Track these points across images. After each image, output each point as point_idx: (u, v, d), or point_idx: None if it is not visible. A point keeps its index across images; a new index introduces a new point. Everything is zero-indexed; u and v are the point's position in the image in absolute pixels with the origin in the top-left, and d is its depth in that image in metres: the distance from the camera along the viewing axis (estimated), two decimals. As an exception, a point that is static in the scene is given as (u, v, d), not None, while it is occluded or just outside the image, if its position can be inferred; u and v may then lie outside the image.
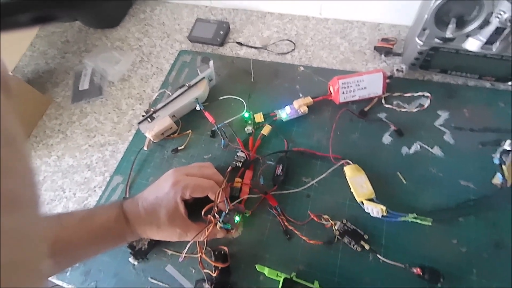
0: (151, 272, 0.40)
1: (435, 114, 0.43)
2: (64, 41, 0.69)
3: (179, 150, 0.49)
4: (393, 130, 0.43)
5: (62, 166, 0.53)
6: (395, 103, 0.45)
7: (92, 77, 0.61)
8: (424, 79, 0.47)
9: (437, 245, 0.35)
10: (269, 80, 0.53)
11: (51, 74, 0.65)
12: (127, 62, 0.62)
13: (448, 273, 0.32)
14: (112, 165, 0.51)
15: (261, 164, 0.44)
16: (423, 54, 0.44)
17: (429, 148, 0.41)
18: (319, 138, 0.45)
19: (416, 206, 0.37)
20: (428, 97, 0.44)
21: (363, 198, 0.38)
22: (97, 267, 0.42)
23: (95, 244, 0.34)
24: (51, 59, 0.67)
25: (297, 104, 0.46)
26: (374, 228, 0.37)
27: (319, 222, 0.38)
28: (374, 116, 0.45)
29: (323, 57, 0.53)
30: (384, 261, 0.34)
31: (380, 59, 0.51)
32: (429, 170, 0.39)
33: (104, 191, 0.48)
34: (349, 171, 0.40)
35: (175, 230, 0.36)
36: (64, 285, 0.42)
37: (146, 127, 0.48)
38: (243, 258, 0.39)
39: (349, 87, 0.44)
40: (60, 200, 0.50)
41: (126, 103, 0.57)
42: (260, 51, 0.57)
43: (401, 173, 0.40)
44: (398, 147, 0.42)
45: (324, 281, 0.35)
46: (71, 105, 0.59)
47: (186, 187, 0.36)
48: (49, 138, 0.57)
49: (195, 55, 0.59)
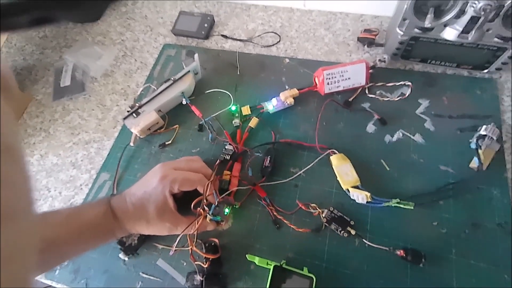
0: (142, 267, 0.40)
1: (416, 102, 0.45)
2: (42, 36, 0.67)
3: (167, 145, 0.49)
4: (377, 119, 0.44)
5: (46, 165, 0.52)
6: (378, 92, 0.46)
7: (73, 73, 0.59)
8: (405, 69, 0.48)
9: (419, 227, 0.36)
10: (255, 73, 0.53)
11: (29, 71, 0.63)
12: (109, 57, 0.60)
13: (429, 254, 0.34)
14: (98, 162, 0.50)
15: (249, 156, 0.44)
16: (404, 44, 0.45)
17: (410, 136, 0.42)
18: (306, 129, 0.46)
19: (399, 191, 0.39)
20: (409, 86, 0.45)
21: (349, 185, 0.39)
22: (87, 264, 0.41)
23: (82, 241, 0.34)
24: (29, 55, 0.65)
25: (284, 96, 0.47)
26: (359, 214, 0.38)
27: (307, 210, 0.39)
28: (358, 106, 0.46)
29: (308, 48, 0.54)
30: (369, 245, 0.36)
31: (363, 50, 0.52)
32: (411, 156, 0.41)
33: (91, 188, 0.48)
34: (335, 160, 0.41)
35: (164, 224, 0.36)
36: (54, 284, 0.42)
37: (132, 122, 0.48)
38: (234, 248, 0.39)
39: (334, 77, 0.45)
40: (46, 199, 0.49)
41: (110, 99, 0.56)
42: (246, 43, 0.57)
43: (384, 161, 0.41)
44: (382, 135, 0.43)
45: (313, 267, 0.36)
46: (52, 103, 0.58)
47: (174, 181, 0.36)
48: (31, 137, 0.55)
49: (180, 49, 0.58)
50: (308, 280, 0.34)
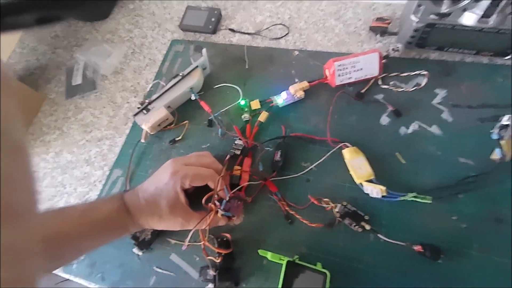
0: (156, 261, 0.41)
1: (432, 92, 0.43)
2: (54, 36, 0.68)
3: (177, 141, 0.49)
4: (391, 111, 0.43)
5: (61, 162, 0.53)
6: (392, 83, 0.45)
7: (84, 72, 0.60)
8: (420, 58, 0.46)
9: (437, 222, 0.35)
10: (264, 66, 0.52)
11: (42, 70, 0.64)
12: (119, 55, 0.61)
13: (448, 249, 0.33)
14: (110, 159, 0.51)
15: (260, 151, 0.44)
16: (419, 31, 0.43)
17: (427, 127, 0.41)
18: (317, 122, 0.45)
19: (415, 185, 0.37)
20: (425, 75, 0.43)
21: (362, 179, 0.38)
22: (102, 259, 0.42)
23: (98, 236, 0.35)
24: (41, 55, 0.66)
25: (293, 89, 0.46)
26: (374, 209, 0.37)
27: (320, 205, 0.39)
28: (371, 98, 0.45)
29: (318, 40, 0.52)
30: (385, 240, 0.35)
31: (375, 39, 0.50)
32: (428, 149, 0.39)
33: (105, 185, 0.48)
34: (347, 154, 0.40)
35: (177, 220, 0.37)
36: (71, 278, 0.43)
37: (142, 119, 0.48)
38: (246, 243, 0.39)
39: (345, 69, 0.44)
40: (61, 196, 0.50)
41: (120, 96, 0.57)
42: (254, 37, 0.56)
43: (400, 153, 0.40)
44: (396, 127, 0.42)
45: (327, 262, 0.35)
46: (65, 101, 0.59)
47: (185, 176, 0.36)
48: (45, 135, 0.56)
49: (188, 44, 0.58)
50: (322, 275, 0.33)
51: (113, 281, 0.41)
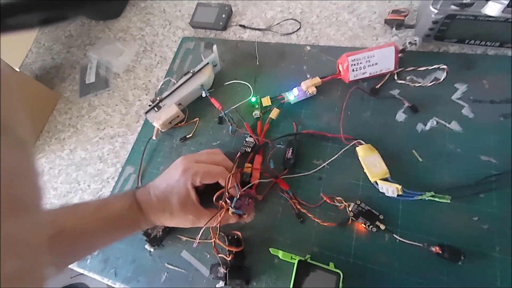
0: (167, 258, 0.41)
1: (452, 87, 0.41)
2: (68, 35, 0.69)
3: (188, 138, 0.49)
4: (407, 107, 0.41)
5: (75, 159, 0.54)
6: (409, 78, 0.43)
7: (97, 70, 0.61)
8: (439, 51, 0.44)
9: (456, 223, 0.33)
10: (275, 62, 0.51)
11: (57, 69, 0.65)
12: (131, 53, 0.61)
13: (469, 251, 0.31)
14: (123, 156, 0.51)
15: (271, 148, 0.43)
16: (438, 23, 0.41)
17: (446, 124, 0.39)
18: (329, 119, 0.44)
19: (433, 184, 0.36)
20: (444, 69, 0.41)
21: (377, 178, 0.37)
22: (115, 254, 0.43)
23: (110, 232, 0.35)
24: (56, 55, 0.67)
25: (305, 85, 0.45)
26: (389, 208, 0.36)
27: (332, 204, 0.38)
28: (387, 93, 0.43)
29: (331, 34, 0.51)
30: (400, 241, 0.34)
31: (391, 32, 0.48)
32: (447, 146, 0.38)
33: (117, 181, 0.49)
34: (361, 151, 0.39)
35: (187, 217, 0.37)
36: (85, 273, 0.44)
37: (153, 116, 0.48)
38: (257, 242, 0.39)
39: (359, 63, 0.42)
40: (76, 192, 0.51)
41: (132, 94, 0.57)
42: (265, 32, 0.55)
43: (416, 151, 0.38)
44: (413, 124, 0.40)
45: (340, 262, 0.34)
46: (79, 99, 0.60)
47: (196, 173, 0.36)
48: (60, 133, 0.58)
49: (198, 41, 0.58)
50: (335, 275, 0.32)
51: (125, 276, 0.41)
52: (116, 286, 0.41)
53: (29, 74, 0.65)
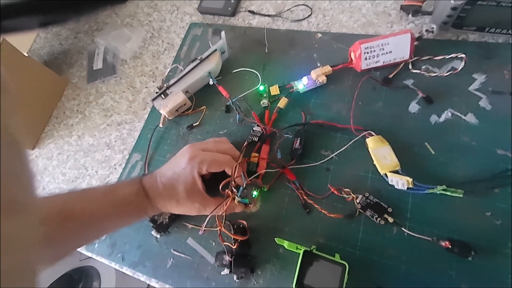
0: (173, 244, 0.41)
1: (469, 77, 0.39)
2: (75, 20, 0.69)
3: (194, 126, 0.48)
4: (421, 98, 0.39)
5: (83, 145, 0.54)
6: (424, 67, 0.41)
7: (105, 56, 0.60)
8: (457, 39, 0.42)
9: (468, 217, 0.33)
10: (285, 50, 0.50)
11: (65, 55, 0.65)
12: (138, 39, 0.60)
13: (480, 246, 0.30)
14: (130, 143, 0.51)
15: (278, 138, 0.42)
16: (458, 10, 0.39)
17: (461, 116, 0.37)
18: (339, 109, 0.43)
19: (445, 177, 0.35)
20: (462, 58, 0.39)
21: (387, 170, 0.36)
22: (122, 239, 0.43)
23: (118, 217, 0.35)
24: (64, 40, 0.67)
25: (315, 74, 0.44)
26: (398, 201, 0.35)
27: (340, 195, 0.37)
28: (400, 83, 0.41)
29: (343, 21, 0.49)
30: (409, 234, 0.33)
31: (407, 19, 0.46)
32: (461, 139, 0.36)
33: (124, 168, 0.49)
34: (371, 143, 0.38)
35: (193, 205, 0.37)
36: (93, 256, 0.44)
37: (160, 103, 0.48)
38: (262, 231, 0.38)
39: (373, 52, 0.41)
40: (84, 178, 0.51)
41: (139, 81, 0.57)
42: (274, 19, 0.53)
43: (429, 143, 0.37)
44: (427, 115, 0.39)
45: (345, 254, 0.34)
46: (87, 85, 0.60)
47: (202, 162, 0.36)
48: (69, 119, 0.58)
49: (206, 28, 0.57)
50: (340, 267, 0.32)
51: (132, 261, 0.42)
52: (123, 270, 0.42)
53: (37, 59, 0.65)
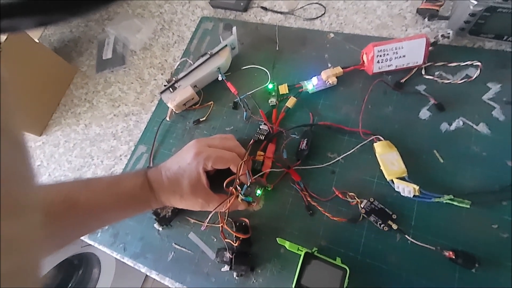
0: (175, 238, 0.41)
1: (484, 86, 0.38)
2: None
3: (201, 121, 0.48)
4: (433, 104, 0.39)
5: (90, 134, 0.55)
6: (437, 73, 0.41)
7: (114, 46, 0.60)
8: (473, 47, 0.41)
9: (474, 229, 0.32)
10: (296, 49, 0.49)
11: (75, 43, 0.65)
12: (148, 30, 0.60)
13: (484, 259, 0.30)
14: (136, 134, 0.51)
15: (285, 137, 0.42)
16: (476, 16, 0.38)
17: (473, 125, 0.37)
18: (348, 111, 0.42)
19: (453, 187, 0.34)
20: (478, 66, 0.38)
21: (394, 176, 0.35)
22: (125, 230, 0.44)
23: (121, 209, 0.36)
24: (75, 28, 0.67)
25: (325, 75, 0.43)
26: (403, 208, 0.35)
27: (344, 199, 0.37)
28: (412, 89, 0.41)
29: (357, 22, 0.48)
30: (412, 242, 0.33)
31: (422, 23, 0.45)
32: (471, 148, 0.36)
33: (129, 159, 0.49)
34: (379, 148, 0.37)
35: (197, 200, 0.37)
36: (96, 245, 0.45)
37: (168, 97, 0.48)
38: (264, 230, 0.38)
39: (386, 55, 0.40)
40: (89, 167, 0.52)
41: (148, 72, 0.57)
42: (287, 16, 0.53)
43: (438, 151, 0.37)
44: (437, 123, 0.38)
45: (347, 258, 0.34)
46: (95, 75, 0.60)
47: (208, 158, 0.36)
48: (76, 107, 0.58)
49: (217, 22, 0.56)
50: (341, 271, 0.32)
51: (134, 252, 0.42)
52: (125, 261, 0.43)
53: (47, 46, 0.65)
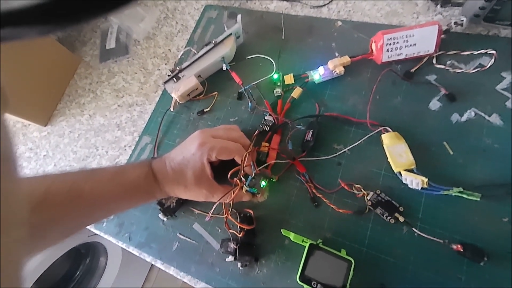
0: (180, 228, 0.41)
1: (498, 76, 0.37)
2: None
3: (205, 112, 0.48)
4: (444, 95, 0.38)
5: (94, 125, 0.54)
6: (449, 63, 0.39)
7: (118, 35, 0.59)
8: (488, 34, 0.40)
9: (483, 222, 0.31)
10: (302, 38, 0.48)
11: (79, 33, 0.65)
12: (151, 19, 0.59)
13: (493, 252, 0.30)
14: (140, 125, 0.51)
15: (290, 128, 0.42)
16: (492, 2, 0.36)
17: (485, 116, 0.36)
18: (355, 102, 0.41)
19: (462, 179, 0.33)
20: (492, 55, 0.37)
21: (401, 168, 0.35)
22: (130, 220, 0.44)
23: (126, 199, 0.36)
24: (78, 17, 0.66)
25: (332, 65, 0.42)
26: (411, 201, 0.34)
27: (350, 191, 0.36)
28: (422, 78, 0.40)
29: (366, 9, 0.47)
30: (419, 235, 0.32)
31: (435, 10, 0.43)
32: (483, 140, 0.35)
33: (134, 150, 0.49)
34: (387, 139, 0.36)
35: (201, 191, 0.36)
36: (101, 235, 0.45)
37: (172, 87, 0.47)
38: (269, 222, 0.38)
39: (396, 43, 0.39)
40: (94, 157, 0.52)
41: (152, 62, 0.56)
42: (293, 4, 0.51)
43: (448, 143, 0.36)
44: (448, 113, 0.37)
45: (352, 250, 0.33)
46: (99, 65, 0.59)
47: (212, 148, 0.36)
48: (80, 97, 0.58)
49: (222, 10, 0.55)
50: (346, 262, 0.32)
51: (139, 242, 0.42)
52: (130, 250, 0.43)
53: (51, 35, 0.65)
